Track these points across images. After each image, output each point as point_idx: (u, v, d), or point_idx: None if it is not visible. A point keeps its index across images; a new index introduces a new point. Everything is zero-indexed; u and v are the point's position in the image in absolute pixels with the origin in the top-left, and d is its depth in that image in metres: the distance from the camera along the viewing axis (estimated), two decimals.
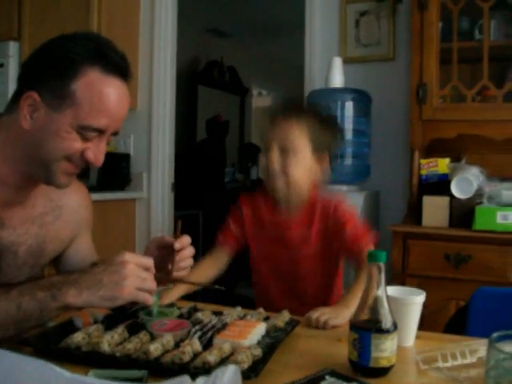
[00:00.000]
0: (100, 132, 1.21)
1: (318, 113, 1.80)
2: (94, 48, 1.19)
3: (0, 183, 1.26)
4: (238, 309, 1.39)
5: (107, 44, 1.23)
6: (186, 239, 1.36)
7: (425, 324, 1.32)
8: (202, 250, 4.69)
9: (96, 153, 1.23)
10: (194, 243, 1.35)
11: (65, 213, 1.44)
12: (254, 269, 1.87)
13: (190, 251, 1.38)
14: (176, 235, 1.35)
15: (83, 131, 1.18)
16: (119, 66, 1.21)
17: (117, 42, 1.25)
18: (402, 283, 2.40)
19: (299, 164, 1.69)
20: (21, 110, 1.18)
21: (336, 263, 1.80)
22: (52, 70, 1.18)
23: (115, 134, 1.27)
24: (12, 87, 3.40)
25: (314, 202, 1.77)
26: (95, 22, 3.58)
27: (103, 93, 1.18)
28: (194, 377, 0.83)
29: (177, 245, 1.33)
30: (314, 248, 1.75)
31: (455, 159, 2.76)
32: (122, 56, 1.23)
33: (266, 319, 1.34)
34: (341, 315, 1.40)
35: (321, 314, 1.41)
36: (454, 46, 2.71)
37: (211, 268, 1.84)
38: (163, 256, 1.38)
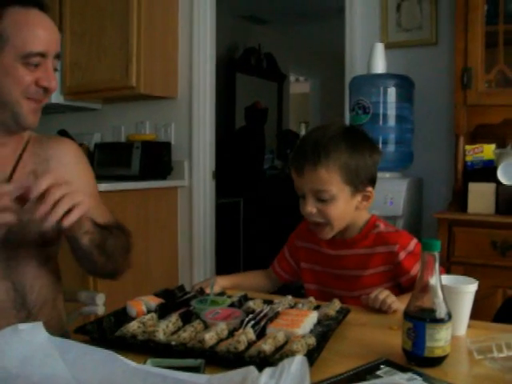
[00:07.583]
0: (42, 56, 1.33)
1: (349, 144, 1.56)
2: None
3: None
4: (289, 297, 1.40)
5: None
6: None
7: (471, 312, 1.30)
8: (242, 238, 4.73)
9: (47, 77, 1.35)
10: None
11: (52, 164, 1.49)
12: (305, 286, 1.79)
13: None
14: None
15: (27, 60, 1.31)
16: (35, 0, 1.35)
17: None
18: (448, 271, 2.38)
19: (339, 209, 1.56)
20: None
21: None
22: None
23: (58, 57, 1.39)
24: None
25: (370, 235, 1.64)
26: (135, 11, 3.58)
27: (29, 21, 1.32)
28: (247, 365, 0.83)
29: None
30: (366, 286, 1.61)
31: (501, 145, 2.71)
32: None
33: (317, 308, 1.35)
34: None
35: (386, 296, 1.40)
36: (499, 29, 2.64)
37: (265, 279, 1.85)
38: None
